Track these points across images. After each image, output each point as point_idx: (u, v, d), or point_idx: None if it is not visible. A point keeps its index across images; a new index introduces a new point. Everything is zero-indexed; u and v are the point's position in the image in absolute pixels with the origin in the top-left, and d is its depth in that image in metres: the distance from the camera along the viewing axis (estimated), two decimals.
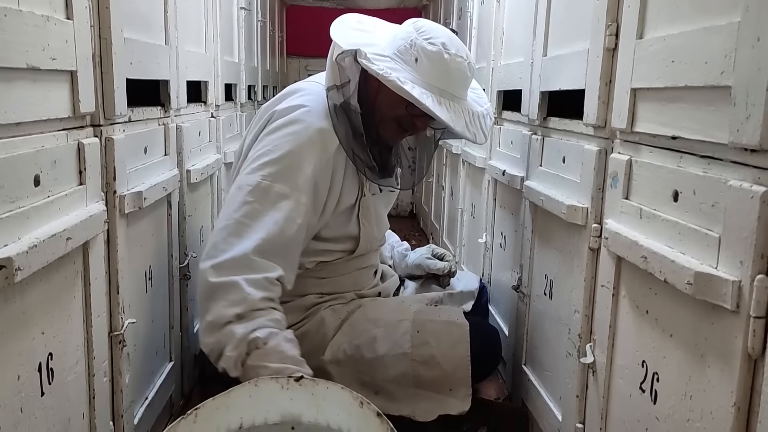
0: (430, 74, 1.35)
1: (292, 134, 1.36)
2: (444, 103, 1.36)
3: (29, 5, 0.85)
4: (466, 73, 1.40)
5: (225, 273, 1.25)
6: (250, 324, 1.22)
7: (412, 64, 1.36)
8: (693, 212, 0.86)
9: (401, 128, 1.47)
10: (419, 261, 1.80)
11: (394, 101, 1.39)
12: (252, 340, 1.20)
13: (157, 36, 1.41)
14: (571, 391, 1.28)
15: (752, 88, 0.72)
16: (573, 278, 1.28)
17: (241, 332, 1.21)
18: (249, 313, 1.23)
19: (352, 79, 1.38)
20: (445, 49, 1.36)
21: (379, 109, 1.44)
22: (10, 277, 0.76)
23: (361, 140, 1.43)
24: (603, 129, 1.17)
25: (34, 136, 0.89)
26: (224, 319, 1.22)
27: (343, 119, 1.40)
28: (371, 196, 1.54)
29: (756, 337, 0.72)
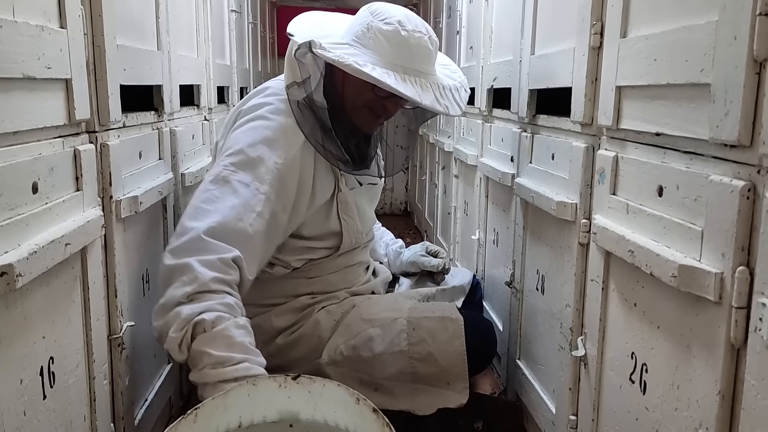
0: (389, 54, 1.35)
1: (255, 128, 1.36)
2: (408, 80, 1.34)
3: (24, 16, 0.86)
4: (428, 47, 1.39)
5: (179, 256, 1.21)
6: (198, 306, 1.17)
7: (370, 46, 1.36)
8: (677, 207, 0.88)
9: (374, 113, 1.46)
10: (414, 258, 1.82)
11: (360, 87, 1.39)
12: (198, 323, 1.15)
13: (150, 42, 1.43)
14: (564, 384, 1.30)
15: (730, 85, 0.75)
16: (564, 273, 1.31)
17: (186, 313, 1.15)
18: (199, 295, 1.18)
19: (314, 74, 1.38)
20: (401, 26, 1.35)
21: (348, 99, 1.44)
22: (12, 283, 0.78)
23: (330, 134, 1.42)
24: (590, 126, 1.20)
25: (31, 144, 0.90)
26: (173, 301, 1.17)
27: (308, 115, 1.40)
28: (349, 190, 1.54)
29: (738, 327, 0.75)
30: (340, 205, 1.51)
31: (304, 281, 1.55)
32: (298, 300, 1.54)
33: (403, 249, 1.90)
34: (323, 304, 1.56)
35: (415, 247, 1.87)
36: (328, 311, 1.55)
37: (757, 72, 0.71)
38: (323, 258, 1.55)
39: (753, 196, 0.74)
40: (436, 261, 1.78)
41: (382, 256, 1.90)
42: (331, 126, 1.41)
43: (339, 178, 1.50)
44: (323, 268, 1.56)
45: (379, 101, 1.42)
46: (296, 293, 1.54)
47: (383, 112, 1.47)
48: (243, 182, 1.31)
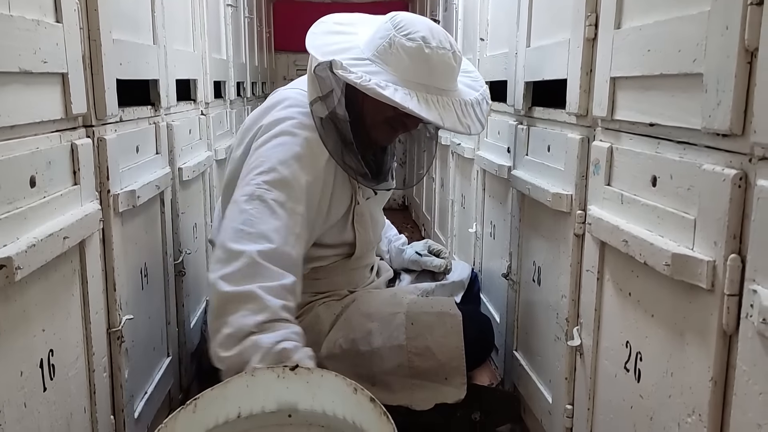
0: (412, 72, 1.31)
1: (282, 145, 1.34)
2: (431, 99, 1.31)
3: (20, 10, 0.87)
4: (451, 64, 1.35)
5: (238, 282, 1.18)
6: (276, 335, 1.14)
7: (392, 63, 1.32)
8: (670, 196, 0.89)
9: (393, 129, 1.45)
10: (416, 258, 1.82)
11: (380, 105, 1.34)
12: (280, 352, 1.12)
13: (146, 36, 1.43)
14: (560, 374, 1.31)
15: (722, 75, 0.75)
16: (560, 264, 1.32)
17: (267, 342, 1.12)
18: (272, 324, 1.16)
19: (336, 87, 1.36)
20: (425, 43, 1.31)
21: (368, 114, 1.42)
22: (11, 276, 0.79)
23: (351, 148, 1.40)
24: (585, 117, 1.20)
25: (28, 138, 0.91)
26: (246, 330, 1.14)
27: (331, 130, 1.38)
28: (365, 201, 1.54)
29: (730, 314, 0.75)
30: (356, 217, 1.51)
31: (310, 282, 1.56)
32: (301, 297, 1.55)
33: (406, 246, 1.90)
34: (323, 300, 1.57)
35: (417, 244, 1.87)
36: (327, 306, 1.56)
37: (749, 61, 0.72)
38: (331, 264, 1.56)
39: (744, 185, 0.74)
40: (438, 262, 1.78)
41: (384, 252, 1.91)
42: (352, 139, 1.40)
43: (357, 190, 1.50)
44: (330, 272, 1.57)
45: (399, 118, 1.40)
46: None
47: (403, 127, 1.45)
48: (279, 202, 1.28)
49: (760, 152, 0.71)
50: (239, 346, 1.13)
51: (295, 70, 4.59)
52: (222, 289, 1.17)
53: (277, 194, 1.28)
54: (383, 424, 0.91)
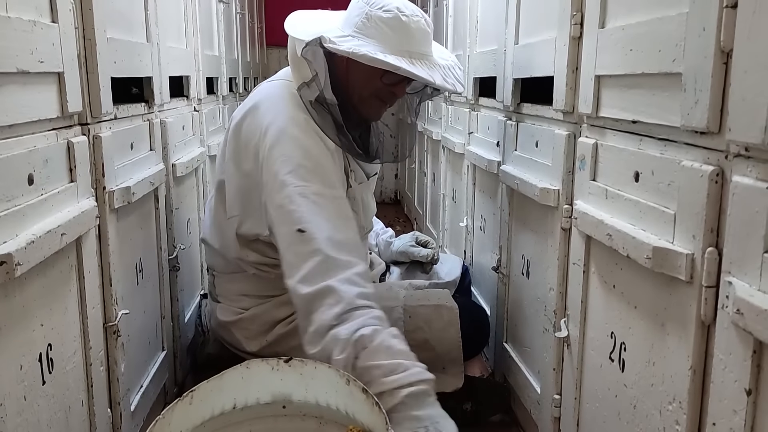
0: (394, 40, 1.36)
1: (294, 140, 1.35)
2: (416, 63, 1.37)
3: (17, 11, 0.88)
4: (426, 29, 1.41)
5: (314, 281, 1.22)
6: (353, 324, 1.17)
7: (374, 36, 1.37)
8: (652, 191, 0.92)
9: (380, 101, 1.48)
10: (404, 248, 1.85)
11: (367, 76, 1.40)
12: (358, 340, 1.15)
13: (139, 34, 1.44)
14: (548, 364, 1.34)
15: (699, 74, 0.78)
16: (547, 257, 1.35)
17: (345, 333, 1.16)
18: (349, 314, 1.19)
19: (320, 70, 1.38)
20: (400, 12, 1.37)
21: (354, 89, 1.45)
22: (11, 272, 0.81)
23: (343, 130, 1.44)
24: (571, 114, 1.23)
25: (26, 137, 0.93)
26: (325, 325, 1.18)
27: (323, 113, 1.41)
28: (358, 185, 1.57)
29: (708, 305, 0.79)
30: (349, 201, 1.53)
31: None
32: None
33: (393, 239, 1.93)
34: None
35: (405, 236, 1.91)
36: None
37: (725, 62, 0.75)
38: None
39: (721, 181, 0.77)
40: (426, 251, 1.82)
41: (372, 246, 1.93)
42: (342, 121, 1.42)
43: (349, 174, 1.52)
44: None
45: (387, 88, 1.44)
46: None
47: (391, 98, 1.48)
48: (319, 193, 1.31)
49: (736, 149, 0.74)
50: (322, 342, 1.18)
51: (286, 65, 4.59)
52: (301, 292, 1.22)
53: (315, 187, 1.31)
54: (375, 414, 0.94)
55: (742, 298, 0.68)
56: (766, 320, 0.64)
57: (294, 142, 1.35)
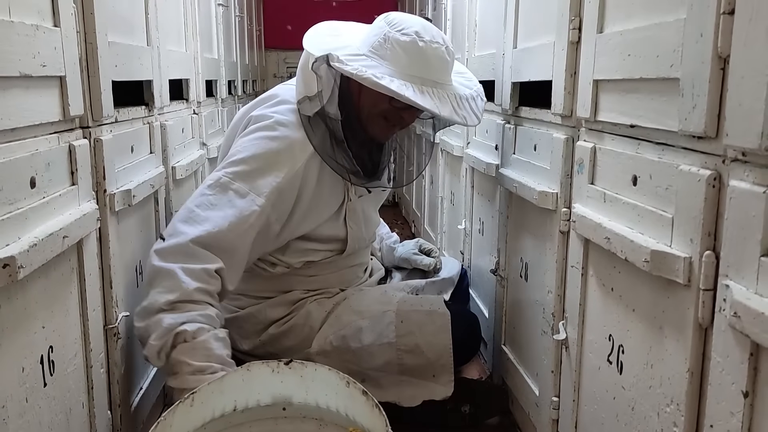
0: (407, 65, 1.35)
1: (263, 139, 1.37)
2: (426, 91, 1.35)
3: (19, 15, 0.89)
4: (445, 57, 1.39)
5: (165, 259, 1.26)
6: (181, 316, 1.22)
7: (388, 57, 1.35)
8: (650, 195, 0.93)
9: (389, 123, 1.47)
10: (406, 255, 1.86)
11: (376, 98, 1.39)
12: (179, 333, 1.20)
13: (139, 38, 1.45)
14: (546, 367, 1.35)
15: (697, 79, 0.79)
16: (546, 260, 1.35)
17: (168, 322, 1.20)
18: (181, 304, 1.23)
19: (326, 87, 1.38)
20: (419, 37, 1.35)
21: (364, 108, 1.44)
22: (14, 275, 0.81)
23: (342, 146, 1.43)
24: (569, 118, 1.24)
25: (28, 141, 0.93)
26: (156, 306, 1.22)
27: (320, 129, 1.41)
28: (358, 198, 1.56)
29: (705, 308, 0.79)
30: (348, 213, 1.54)
31: (303, 279, 1.59)
32: (292, 294, 1.58)
33: (397, 245, 1.93)
34: (315, 297, 1.60)
35: (409, 243, 1.91)
36: (319, 303, 1.59)
37: (722, 68, 0.75)
38: (324, 260, 1.58)
39: (719, 185, 0.78)
40: (428, 261, 1.82)
41: (376, 250, 1.94)
42: (344, 137, 1.42)
43: (349, 188, 1.52)
44: (323, 269, 1.59)
45: (396, 111, 1.43)
46: (290, 288, 1.58)
47: (399, 122, 1.47)
48: (240, 192, 1.33)
49: (733, 154, 0.75)
50: (147, 321, 1.23)
51: (285, 68, 4.60)
52: (151, 261, 1.27)
53: (240, 185, 1.34)
54: (375, 416, 0.95)
55: (739, 302, 0.69)
56: (762, 323, 0.65)
57: (259, 141, 1.38)
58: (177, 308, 1.22)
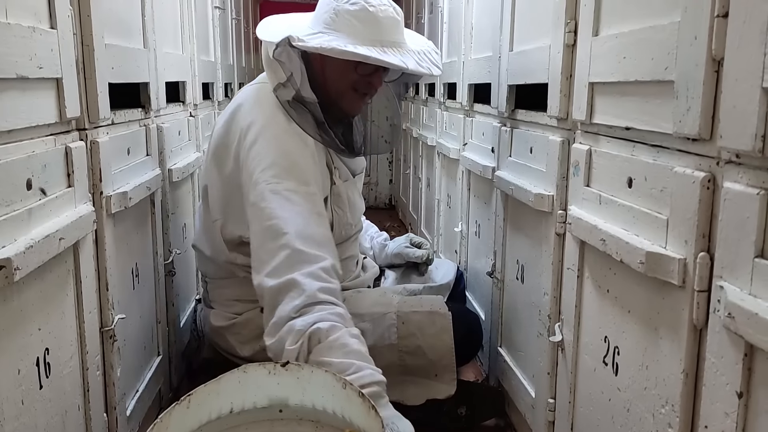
0: (363, 32, 1.39)
1: (272, 139, 1.38)
2: (388, 51, 1.39)
3: (16, 17, 0.89)
4: (395, 17, 1.44)
5: (280, 274, 1.24)
6: (311, 317, 1.19)
7: (343, 29, 1.39)
8: (645, 197, 0.93)
9: (359, 93, 1.49)
10: (398, 250, 1.86)
11: (342, 70, 1.43)
12: (313, 333, 1.17)
13: (136, 40, 1.45)
14: (542, 368, 1.35)
15: (691, 82, 0.79)
16: (542, 262, 1.36)
17: (300, 325, 1.18)
18: (309, 307, 1.20)
19: (295, 71, 1.41)
20: (367, 3, 1.40)
21: (332, 85, 1.47)
22: (10, 277, 0.81)
23: (324, 127, 1.46)
24: (565, 121, 1.24)
25: (24, 142, 0.93)
26: (285, 317, 1.20)
27: (302, 111, 1.44)
28: (343, 182, 1.58)
29: (700, 309, 0.80)
30: (334, 198, 1.54)
31: None
32: None
33: (388, 241, 1.94)
34: None
35: (399, 239, 1.91)
36: None
37: (716, 70, 0.76)
38: None
39: (713, 187, 0.78)
40: (420, 252, 1.83)
41: (367, 249, 1.94)
42: (323, 118, 1.45)
43: (333, 171, 1.53)
44: None
45: (364, 80, 1.46)
46: None
47: (369, 89, 1.50)
48: (291, 190, 1.33)
49: (727, 156, 0.75)
50: (279, 333, 1.20)
51: None
52: (266, 285, 1.25)
53: (287, 184, 1.33)
54: (372, 418, 0.95)
55: (734, 303, 0.69)
56: (756, 324, 0.65)
57: (271, 141, 1.38)
58: (306, 312, 1.20)
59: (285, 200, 1.31)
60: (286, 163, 1.36)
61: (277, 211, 1.30)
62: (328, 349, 1.16)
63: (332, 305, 1.23)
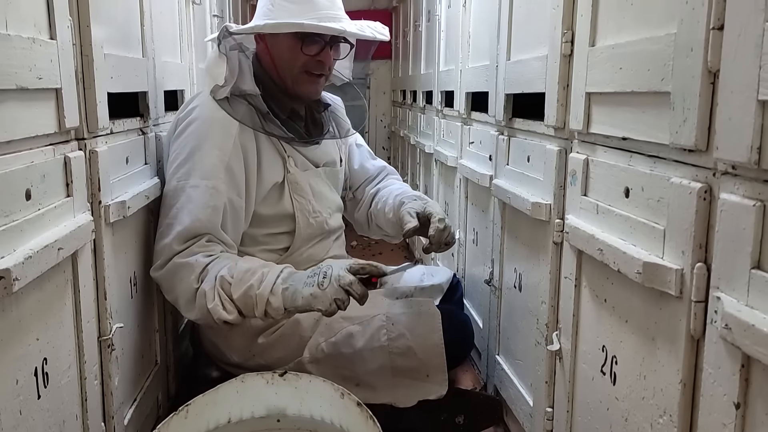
0: (299, 11, 1.44)
1: (191, 132, 1.45)
2: (325, 22, 1.43)
3: (16, 29, 0.89)
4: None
5: (164, 266, 1.40)
6: (210, 274, 1.34)
7: (281, 16, 1.44)
8: (642, 207, 0.94)
9: (311, 75, 1.53)
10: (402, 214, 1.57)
11: (290, 54, 1.48)
12: (220, 282, 1.33)
13: (135, 49, 1.45)
14: (540, 377, 1.35)
15: (687, 94, 0.80)
16: (540, 271, 1.36)
17: (208, 285, 1.33)
18: (203, 271, 1.36)
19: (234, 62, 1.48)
20: None
21: (284, 71, 1.52)
22: (9, 287, 0.81)
23: (269, 117, 1.50)
24: (562, 130, 1.25)
25: (24, 153, 0.93)
26: (190, 290, 1.35)
27: (242, 106, 1.49)
28: (302, 172, 1.59)
29: (697, 319, 0.80)
30: (291, 186, 1.56)
31: None
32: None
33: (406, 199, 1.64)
34: None
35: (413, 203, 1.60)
36: None
37: (712, 82, 0.77)
38: (289, 253, 1.58)
39: (709, 197, 0.79)
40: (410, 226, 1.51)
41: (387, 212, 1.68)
42: (267, 109, 1.50)
43: (287, 159, 1.55)
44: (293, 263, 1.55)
45: (313, 60, 1.50)
46: None
47: (320, 67, 1.52)
48: (195, 185, 1.42)
49: (723, 167, 0.76)
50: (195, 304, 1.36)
51: None
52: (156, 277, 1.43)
53: (193, 180, 1.43)
54: (369, 427, 0.95)
55: (730, 314, 0.69)
56: (753, 335, 0.66)
57: (193, 133, 1.46)
58: (204, 276, 1.36)
59: (186, 198, 1.42)
60: (198, 159, 1.43)
61: (176, 210, 1.42)
62: (239, 281, 1.33)
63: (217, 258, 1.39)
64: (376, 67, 4.94)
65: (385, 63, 4.91)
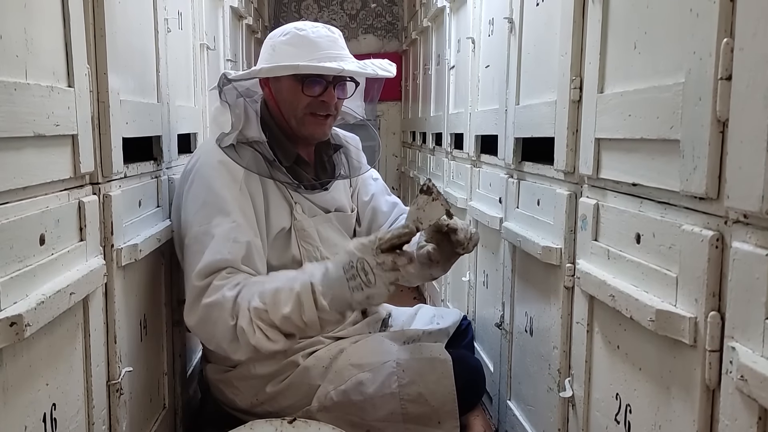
0: (299, 54, 1.45)
1: (202, 178, 1.46)
2: (325, 62, 1.44)
3: (35, 78, 0.92)
4: (329, 34, 1.49)
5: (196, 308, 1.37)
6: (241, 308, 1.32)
7: (281, 59, 1.46)
8: (653, 254, 0.93)
9: (317, 116, 1.53)
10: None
11: (291, 95, 1.50)
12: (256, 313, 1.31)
13: (150, 95, 1.48)
14: (553, 424, 1.33)
15: (697, 142, 0.80)
16: (551, 315, 1.35)
17: (243, 322, 1.31)
18: (235, 305, 1.33)
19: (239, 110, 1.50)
20: (297, 30, 1.48)
21: (288, 113, 1.53)
22: (21, 333, 0.81)
23: (276, 164, 1.51)
24: (572, 174, 1.25)
25: (39, 198, 0.95)
26: (229, 330, 1.33)
27: (248, 152, 1.50)
28: (311, 218, 1.59)
29: (712, 369, 0.79)
30: (298, 233, 1.56)
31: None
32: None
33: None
34: (308, 350, 1.57)
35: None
36: (316, 357, 1.56)
37: (721, 131, 0.77)
38: None
39: (721, 246, 0.79)
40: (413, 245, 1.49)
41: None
42: (273, 156, 1.51)
43: (294, 206, 1.55)
44: None
45: (316, 101, 1.50)
46: None
47: (324, 108, 1.53)
48: (217, 224, 1.42)
49: (734, 216, 0.75)
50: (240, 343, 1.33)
51: None
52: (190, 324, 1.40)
53: (216, 221, 1.42)
54: None
55: (746, 365, 0.68)
56: None
57: (204, 179, 1.46)
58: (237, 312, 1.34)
59: (209, 238, 1.41)
60: (214, 200, 1.44)
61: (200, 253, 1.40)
62: (275, 303, 1.31)
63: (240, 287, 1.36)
64: (386, 109, 5.00)
65: (395, 104, 4.97)
